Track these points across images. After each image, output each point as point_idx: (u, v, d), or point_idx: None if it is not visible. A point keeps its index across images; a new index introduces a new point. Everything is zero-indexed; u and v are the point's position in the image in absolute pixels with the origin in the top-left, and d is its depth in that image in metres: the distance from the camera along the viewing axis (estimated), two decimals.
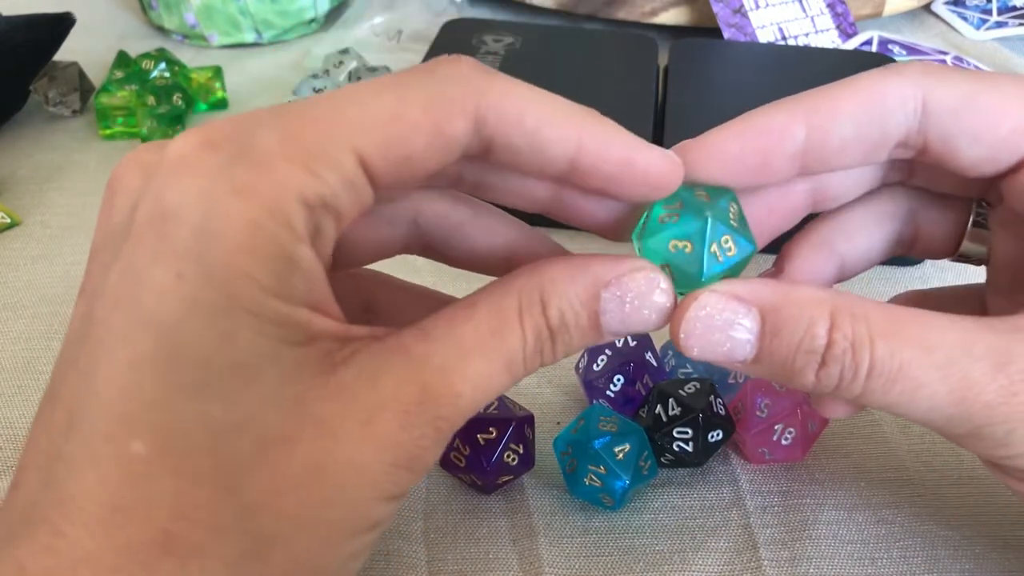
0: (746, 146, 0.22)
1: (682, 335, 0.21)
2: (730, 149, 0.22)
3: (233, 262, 0.18)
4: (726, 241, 0.21)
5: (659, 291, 0.21)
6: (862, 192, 0.25)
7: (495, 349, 0.20)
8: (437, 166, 0.20)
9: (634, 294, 0.21)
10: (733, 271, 0.22)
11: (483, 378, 0.20)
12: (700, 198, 0.22)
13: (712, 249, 0.21)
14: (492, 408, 0.28)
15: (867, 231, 0.26)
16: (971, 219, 0.25)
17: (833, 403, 0.25)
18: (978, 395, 0.20)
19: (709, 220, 0.21)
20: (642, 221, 0.22)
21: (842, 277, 0.26)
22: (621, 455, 0.27)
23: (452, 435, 0.20)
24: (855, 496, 0.29)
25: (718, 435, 0.29)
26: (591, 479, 0.28)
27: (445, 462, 0.28)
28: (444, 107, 0.19)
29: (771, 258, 0.27)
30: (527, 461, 0.29)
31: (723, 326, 0.21)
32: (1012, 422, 0.20)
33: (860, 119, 0.22)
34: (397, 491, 0.19)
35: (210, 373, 0.18)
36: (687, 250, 0.21)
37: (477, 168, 0.22)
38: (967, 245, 0.25)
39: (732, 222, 0.22)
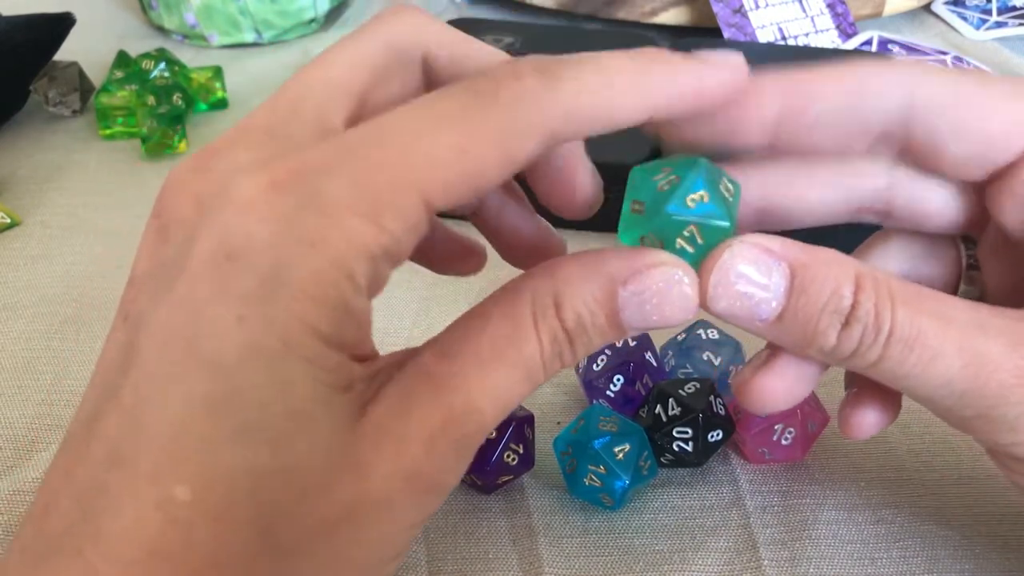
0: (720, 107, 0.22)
1: (711, 286, 0.21)
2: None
3: (296, 310, 0.17)
4: (726, 184, 0.21)
5: (681, 285, 0.20)
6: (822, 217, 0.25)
7: (513, 360, 0.20)
8: (496, 187, 0.20)
9: (653, 291, 0.20)
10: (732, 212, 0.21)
11: (503, 391, 0.20)
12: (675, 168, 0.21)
13: (721, 189, 0.21)
14: None
15: None
16: (964, 262, 0.25)
17: (861, 420, 0.24)
18: (992, 372, 0.20)
19: (704, 161, 0.21)
20: (624, 212, 0.22)
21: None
22: (621, 455, 0.27)
23: (475, 451, 0.20)
24: (855, 496, 0.29)
25: (718, 435, 0.29)
26: (591, 479, 0.28)
27: None
28: (515, 139, 0.18)
29: None
30: (527, 461, 0.29)
31: (753, 277, 0.21)
32: None
33: (838, 100, 0.22)
34: (423, 517, 0.20)
35: (264, 418, 0.18)
36: (704, 199, 0.20)
37: None
38: (963, 289, 0.25)
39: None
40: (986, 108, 0.22)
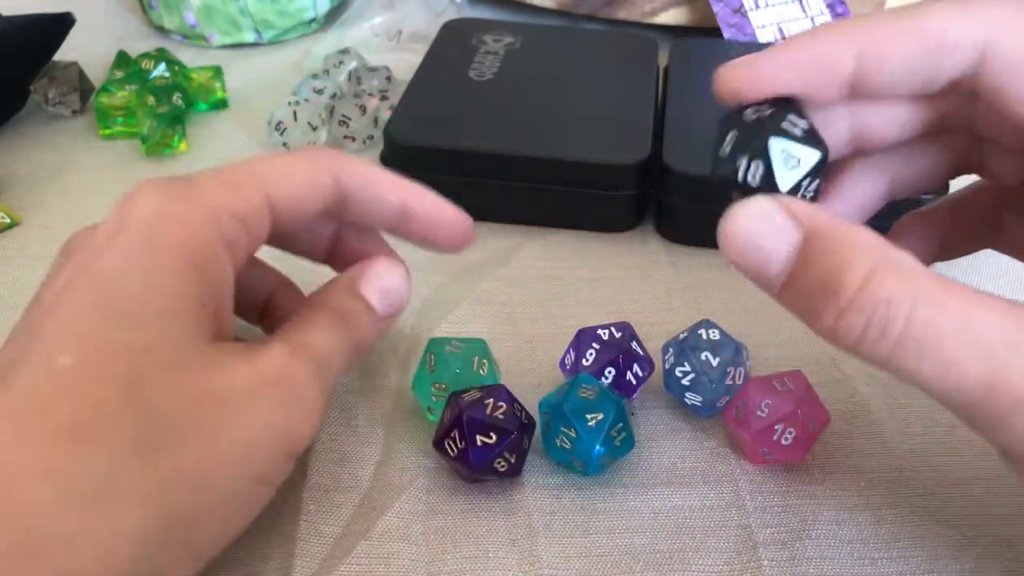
0: (794, 74, 0.22)
1: (724, 233, 0.21)
2: (780, 76, 0.22)
3: (171, 241, 0.23)
4: None
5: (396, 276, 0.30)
6: (908, 134, 0.24)
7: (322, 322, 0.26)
8: (314, 209, 0.27)
9: (382, 276, 0.29)
10: None
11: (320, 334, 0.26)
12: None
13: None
14: (500, 412, 0.28)
15: (925, 154, 0.25)
16: None
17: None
18: (1010, 388, 0.19)
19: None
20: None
21: (892, 197, 0.26)
22: (593, 422, 0.28)
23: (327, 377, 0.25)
24: (855, 496, 0.29)
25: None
26: (562, 441, 0.28)
27: (439, 445, 0.28)
28: (316, 166, 0.27)
29: None
30: (515, 471, 0.29)
31: (759, 236, 0.21)
32: None
33: (912, 59, 0.21)
34: (282, 427, 0.23)
35: (136, 312, 0.22)
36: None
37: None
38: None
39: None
40: None
